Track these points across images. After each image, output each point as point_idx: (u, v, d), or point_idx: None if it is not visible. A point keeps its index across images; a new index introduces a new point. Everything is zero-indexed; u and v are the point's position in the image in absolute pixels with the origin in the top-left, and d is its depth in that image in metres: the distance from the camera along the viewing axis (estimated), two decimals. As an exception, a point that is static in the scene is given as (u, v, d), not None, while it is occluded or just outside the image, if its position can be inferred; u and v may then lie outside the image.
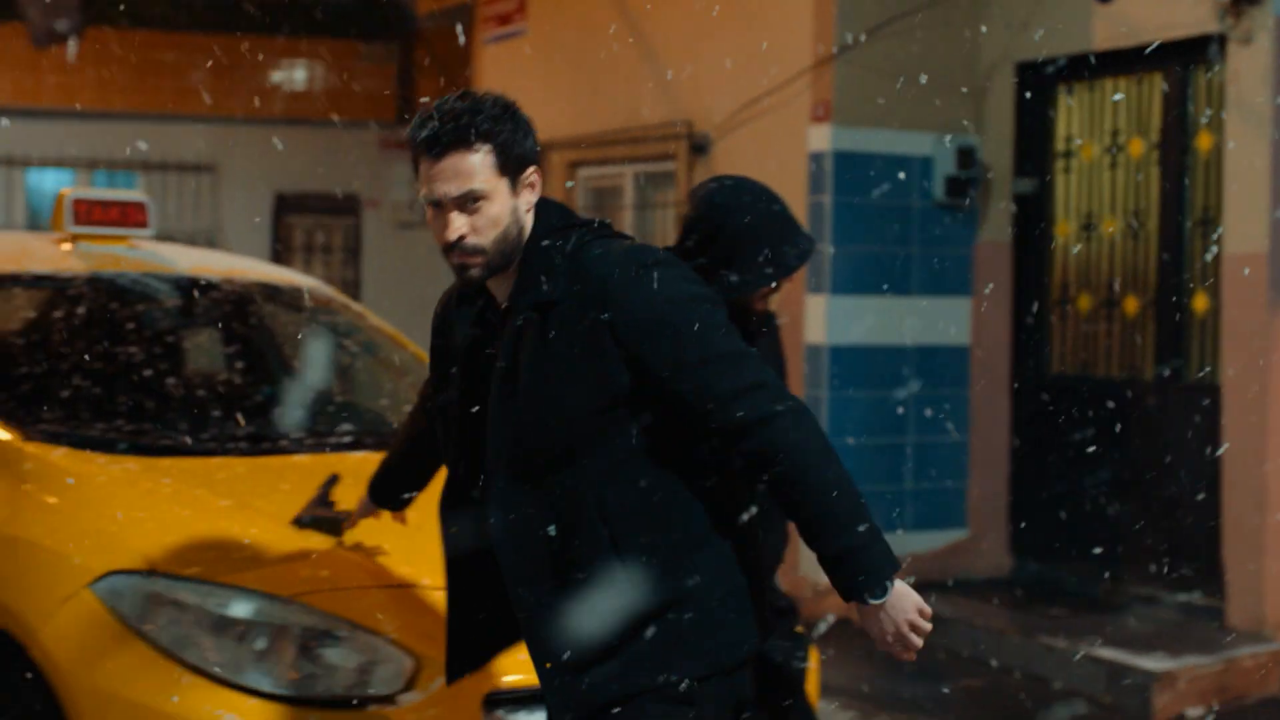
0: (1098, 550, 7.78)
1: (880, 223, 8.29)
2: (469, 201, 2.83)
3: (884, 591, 2.81)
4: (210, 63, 16.92)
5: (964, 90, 8.40)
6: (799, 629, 3.99)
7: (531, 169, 2.93)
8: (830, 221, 8.22)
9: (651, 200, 9.89)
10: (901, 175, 8.32)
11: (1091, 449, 7.92)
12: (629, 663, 2.82)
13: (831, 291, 8.26)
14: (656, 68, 9.54)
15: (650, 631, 2.83)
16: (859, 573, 2.80)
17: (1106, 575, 7.83)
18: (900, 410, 8.43)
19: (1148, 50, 7.50)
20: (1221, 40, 7.22)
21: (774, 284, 3.78)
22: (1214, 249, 7.38)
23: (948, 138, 8.26)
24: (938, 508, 8.55)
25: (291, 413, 5.00)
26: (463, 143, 2.83)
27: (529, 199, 2.91)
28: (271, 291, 5.53)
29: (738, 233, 3.74)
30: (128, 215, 5.20)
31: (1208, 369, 7.47)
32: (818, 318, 8.29)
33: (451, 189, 2.83)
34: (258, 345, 5.52)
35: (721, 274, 3.72)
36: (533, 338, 2.84)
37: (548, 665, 2.87)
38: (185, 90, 16.87)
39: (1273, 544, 7.03)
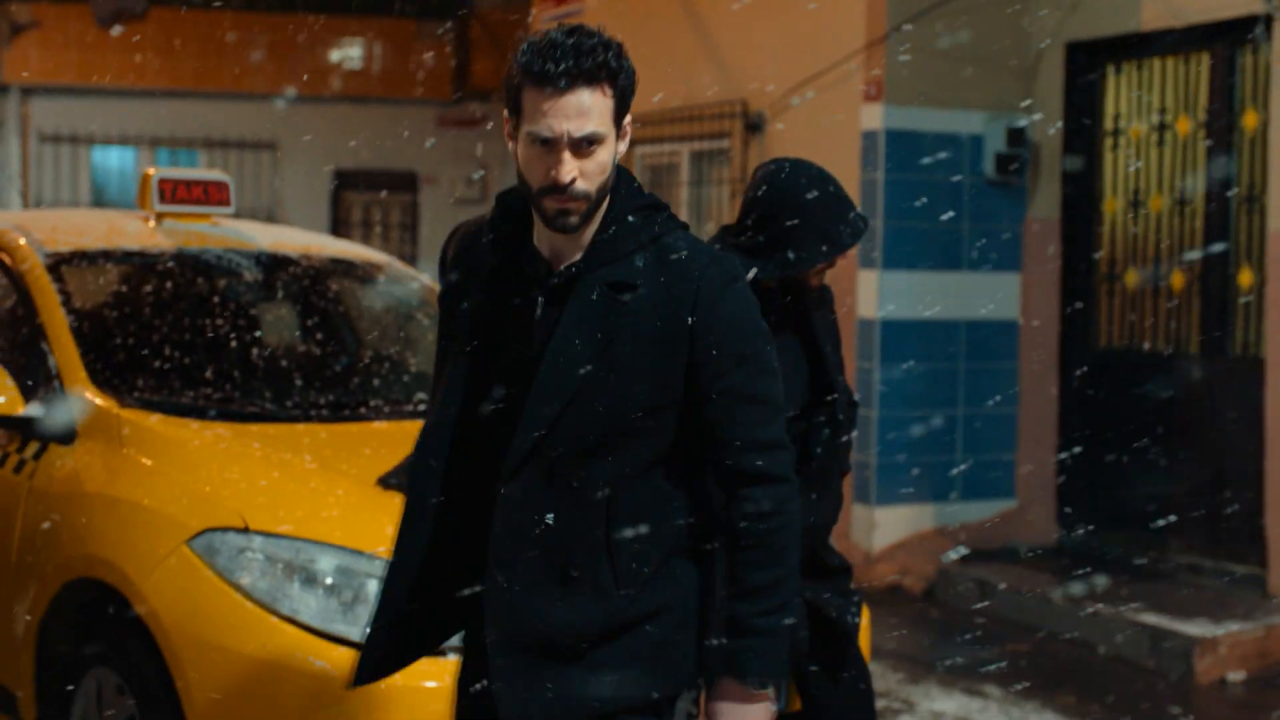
0: (1143, 520, 7.96)
1: (931, 199, 8.47)
2: (585, 143, 2.65)
3: (763, 686, 2.74)
4: (270, 42, 17.22)
5: (1014, 69, 8.57)
6: (853, 586, 4.20)
7: (629, 118, 2.77)
8: (882, 198, 8.41)
9: (707, 177, 10.09)
10: (952, 153, 8.51)
11: (1137, 422, 8.10)
12: (609, 673, 2.75)
13: (883, 267, 8.45)
14: (712, 47, 9.74)
15: (628, 641, 2.75)
16: (760, 656, 2.73)
17: (1151, 545, 8.01)
18: (951, 383, 8.63)
19: (1194, 30, 7.66)
20: (1268, 20, 7.37)
21: (830, 260, 3.97)
22: (1259, 225, 7.54)
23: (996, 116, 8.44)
24: (987, 478, 8.74)
25: (369, 382, 5.25)
26: (592, 79, 2.64)
27: (623, 148, 2.76)
28: (346, 266, 5.78)
29: (795, 212, 3.93)
30: (210, 194, 5.45)
31: (1252, 343, 7.63)
32: (870, 292, 8.49)
33: (574, 127, 2.63)
34: (335, 317, 5.77)
35: (780, 251, 3.92)
36: (605, 316, 2.71)
37: (512, 653, 2.75)
38: (246, 69, 17.16)
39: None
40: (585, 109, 2.63)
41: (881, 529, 8.49)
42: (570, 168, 2.63)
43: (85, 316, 4.95)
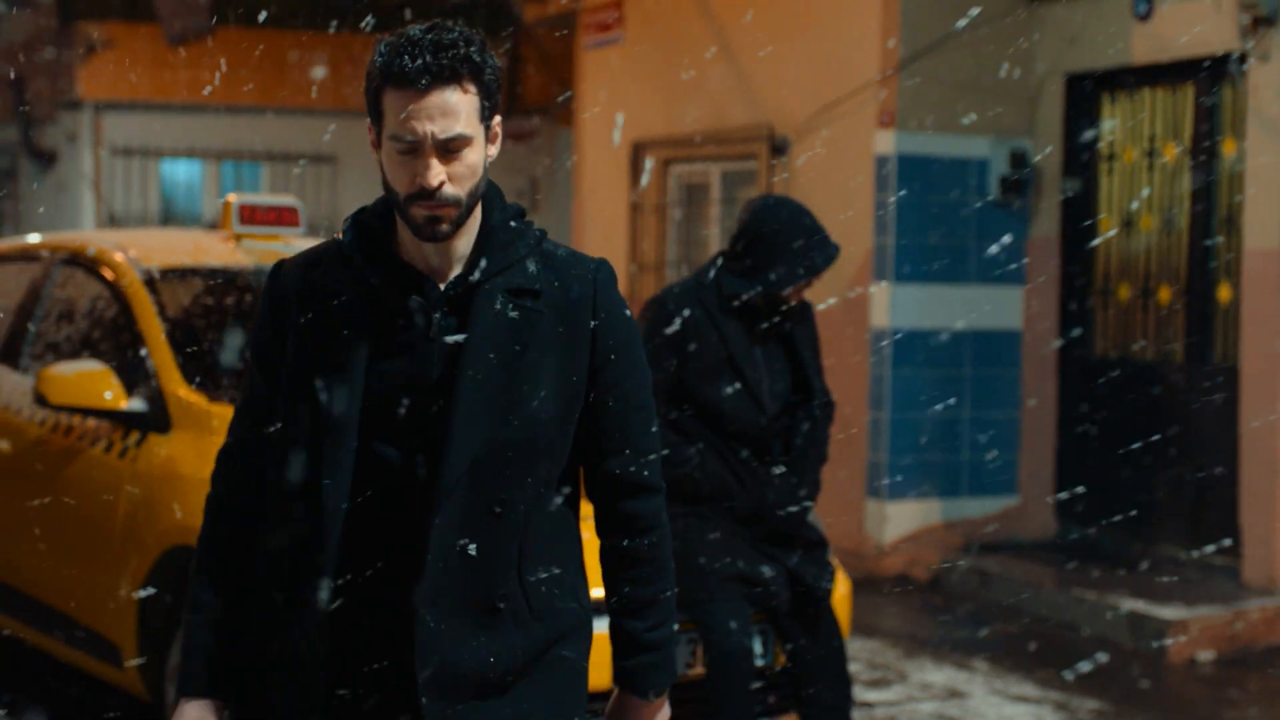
0: (1132, 515, 8.64)
1: (940, 218, 9.19)
2: (452, 146, 2.50)
3: (661, 694, 2.76)
4: (330, 59, 18.06)
5: (1017, 99, 9.27)
6: (830, 559, 4.93)
7: (498, 118, 2.61)
8: (894, 217, 9.13)
9: (735, 196, 10.81)
10: (959, 176, 9.22)
11: (1128, 425, 8.78)
12: (538, 706, 2.65)
13: (895, 280, 9.17)
14: (741, 75, 10.48)
15: (549, 670, 2.67)
16: (656, 670, 2.73)
17: (1139, 538, 8.69)
18: (958, 388, 9.33)
19: (1180, 64, 8.35)
20: (1243, 57, 8.05)
21: (806, 281, 4.70)
22: (1237, 244, 8.21)
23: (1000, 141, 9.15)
24: (991, 477, 9.44)
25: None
26: (454, 76, 2.50)
27: (494, 151, 2.61)
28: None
29: (774, 239, 4.66)
30: (283, 217, 6.23)
31: (1230, 353, 8.30)
32: (882, 304, 9.20)
33: (438, 129, 2.49)
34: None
35: (764, 273, 4.66)
36: (513, 326, 2.59)
37: (443, 694, 2.58)
38: (307, 85, 18.01)
39: (1283, 509, 7.87)
40: (449, 109, 2.49)
41: (892, 523, 9.20)
42: (437, 172, 2.50)
43: (177, 324, 5.74)
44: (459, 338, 2.57)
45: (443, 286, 2.59)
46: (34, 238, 7.30)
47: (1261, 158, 7.92)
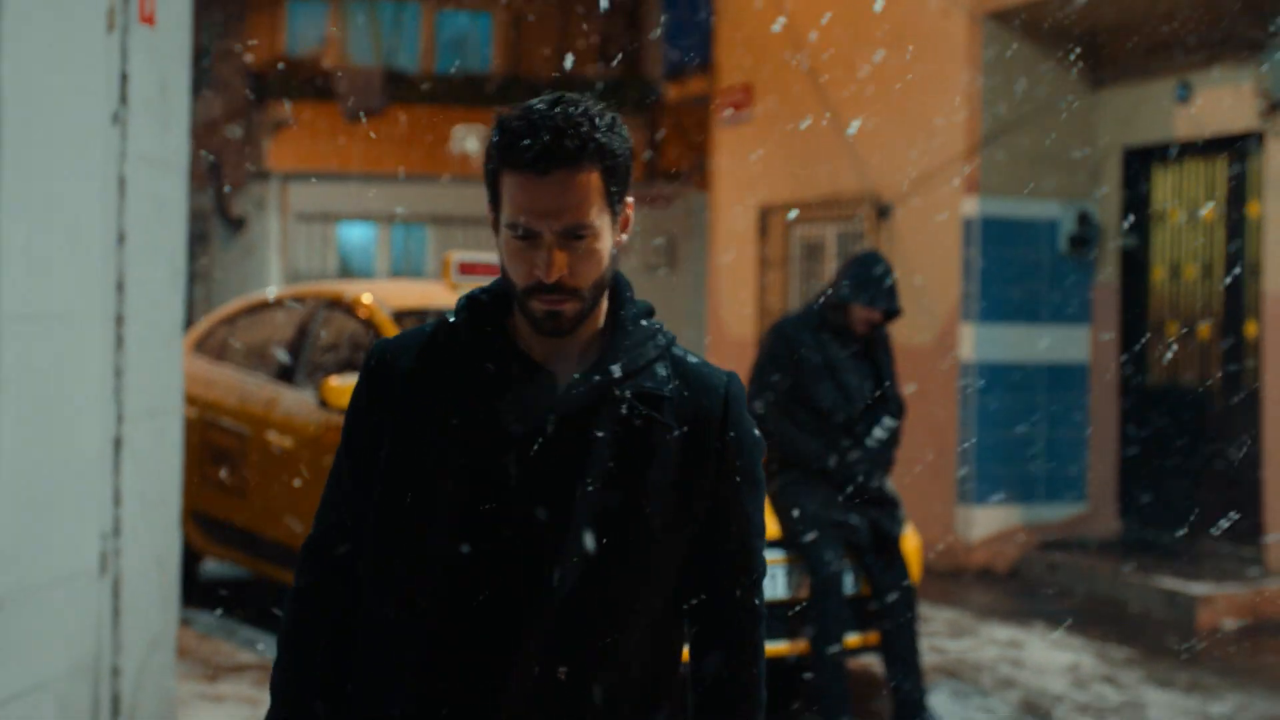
0: (1180, 516, 10.32)
1: (1017, 269, 10.98)
2: (574, 236, 2.27)
3: None
4: (486, 133, 20.16)
5: (1083, 168, 11.05)
6: (902, 514, 6.74)
7: (629, 201, 2.37)
8: (978, 268, 10.93)
9: (847, 252, 12.67)
10: (1034, 234, 11.01)
11: (1177, 441, 10.47)
12: None
13: (979, 321, 10.96)
14: (850, 149, 12.35)
15: None
16: None
17: (1186, 535, 10.37)
18: (1034, 411, 11.08)
19: (1215, 140, 10.10)
20: (1261, 136, 9.77)
21: (864, 306, 6.50)
22: (1258, 289, 9.92)
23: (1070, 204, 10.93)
24: (1064, 487, 11.17)
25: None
26: (576, 162, 2.25)
27: (623, 237, 2.37)
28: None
29: (851, 273, 6.52)
30: (492, 270, 8.21)
31: (1256, 380, 10.00)
32: (969, 341, 11.00)
33: (557, 219, 2.25)
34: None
35: (835, 289, 6.52)
36: (638, 433, 2.35)
37: None
38: (466, 157, 20.12)
39: (1298, 507, 9.55)
40: (571, 197, 2.25)
41: (978, 525, 10.96)
42: (558, 265, 2.26)
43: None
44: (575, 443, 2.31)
45: (562, 384, 2.33)
46: (296, 288, 9.40)
47: (1275, 217, 9.63)
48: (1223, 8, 9.74)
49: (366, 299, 8.12)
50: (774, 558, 6.54)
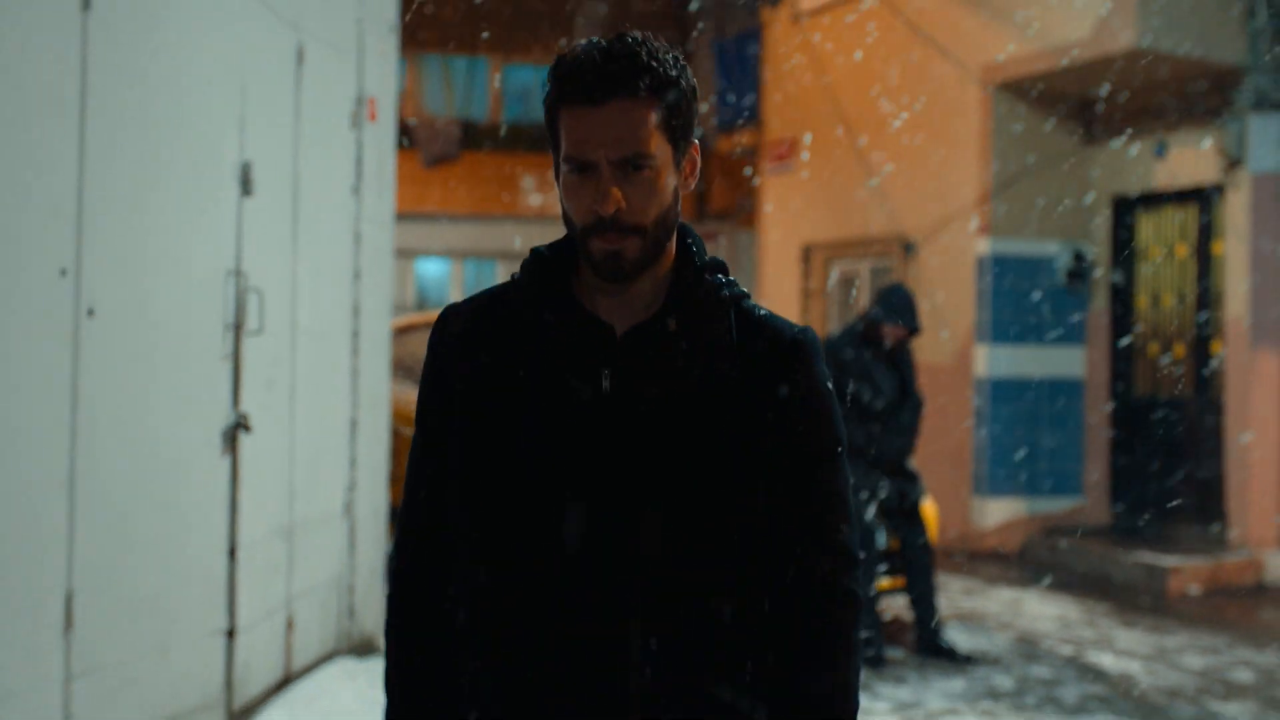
0: (1161, 505, 12.31)
1: (1023, 299, 13.00)
2: (632, 167, 2.12)
3: None
4: (551, 177, 22.23)
5: (1077, 214, 13.08)
6: (921, 484, 8.76)
7: (694, 142, 2.24)
8: (990, 298, 12.96)
9: (878, 284, 14.71)
10: (1035, 269, 13.04)
11: (1158, 444, 12.46)
12: None
13: (991, 342, 12.98)
14: (881, 196, 14.41)
15: None
16: None
17: (1165, 520, 12.35)
18: (1037, 420, 13.09)
19: (1185, 190, 12.13)
20: (1221, 188, 11.80)
21: (894, 325, 8.54)
22: (1222, 315, 11.92)
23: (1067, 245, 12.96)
24: (1064, 483, 13.17)
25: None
26: (633, 89, 2.12)
27: (688, 181, 2.23)
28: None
29: (882, 300, 8.57)
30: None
31: (1220, 391, 11.99)
32: (983, 359, 13.02)
33: (612, 149, 2.11)
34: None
35: (870, 312, 8.57)
36: (701, 386, 2.21)
37: None
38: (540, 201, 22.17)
39: (1253, 499, 11.52)
40: (628, 124, 2.12)
41: (990, 514, 12.96)
42: (615, 196, 2.12)
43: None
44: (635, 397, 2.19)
45: (620, 335, 2.22)
46: (410, 317, 11.49)
47: (1234, 256, 11.65)
48: (1191, 81, 11.77)
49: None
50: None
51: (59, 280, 4.91)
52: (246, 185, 6.04)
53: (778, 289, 16.13)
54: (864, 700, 7.62)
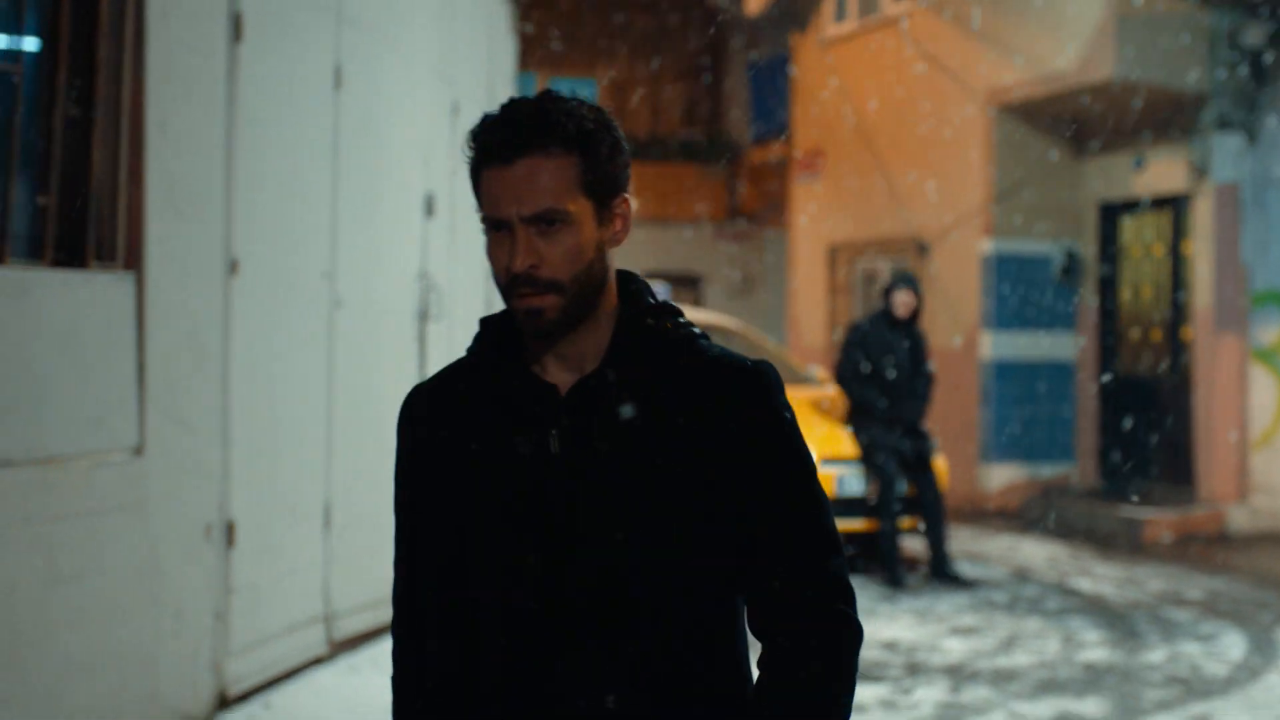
0: (1141, 468, 14.35)
1: (1022, 291, 15.04)
2: (545, 223, 2.12)
3: None
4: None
5: (1069, 217, 15.11)
6: (935, 441, 10.78)
7: (622, 197, 2.21)
8: (994, 290, 14.99)
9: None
10: (1033, 265, 15.07)
11: (1139, 416, 14.50)
12: None
13: (995, 328, 15.02)
14: (898, 201, 16.45)
15: None
16: None
17: (1144, 480, 14.38)
18: (1035, 395, 15.13)
19: (1161, 198, 14.18)
20: (1189, 195, 13.83)
21: (906, 301, 10.58)
22: (1192, 304, 13.95)
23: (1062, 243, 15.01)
24: (1058, 450, 15.21)
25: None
26: (545, 145, 2.12)
27: (617, 234, 2.20)
28: (717, 326, 12.62)
29: (893, 284, 10.63)
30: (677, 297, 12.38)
31: (1189, 369, 14.02)
32: (986, 343, 15.06)
33: (524, 206, 2.11)
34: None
35: (885, 297, 10.62)
36: (644, 436, 2.19)
37: None
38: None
39: (1217, 460, 13.55)
40: (537, 181, 2.11)
41: (994, 477, 15.00)
42: (526, 254, 2.12)
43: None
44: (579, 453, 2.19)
45: (564, 396, 2.20)
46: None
47: (1201, 254, 13.68)
48: (1163, 105, 13.78)
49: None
50: (853, 469, 10.63)
51: (321, 280, 6.99)
52: (430, 209, 8.12)
53: (807, 284, 18.18)
54: (887, 607, 9.69)
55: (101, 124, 5.45)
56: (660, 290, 10.23)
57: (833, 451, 10.63)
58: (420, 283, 7.98)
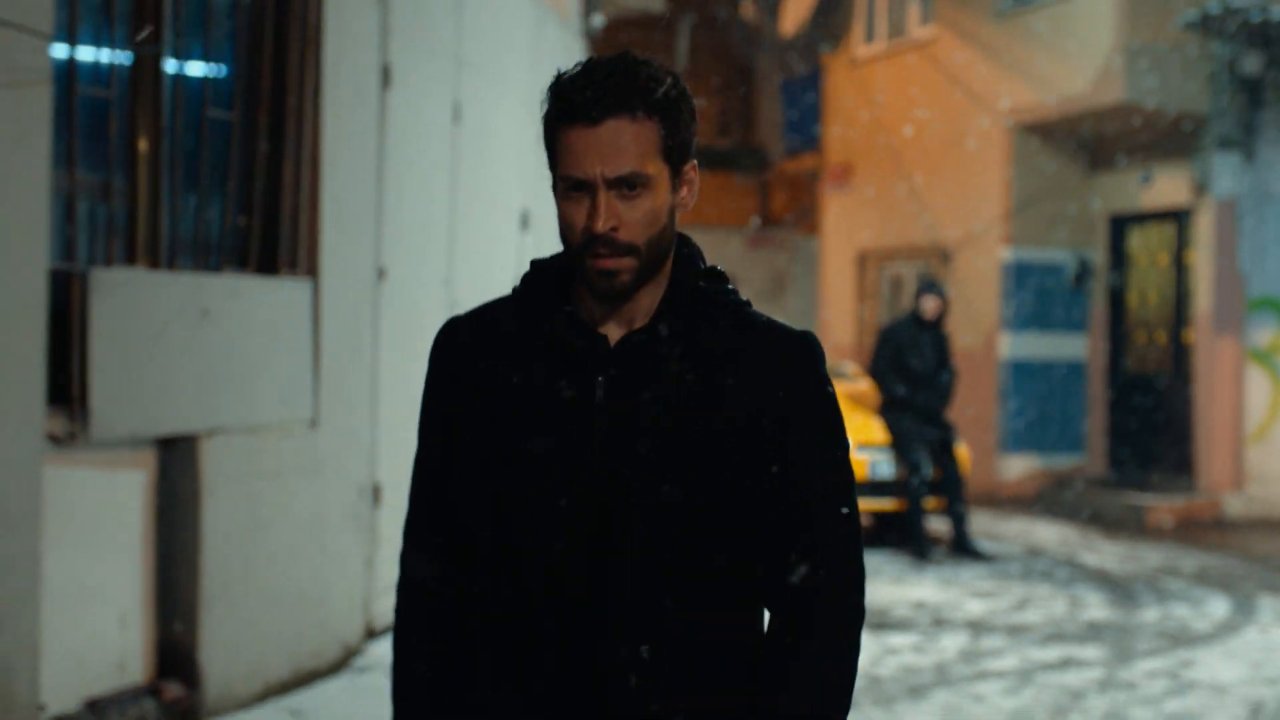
0: (1147, 460, 15.59)
1: (1038, 296, 16.29)
2: (627, 186, 2.14)
3: None
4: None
5: (1082, 227, 16.36)
6: (956, 431, 12.04)
7: (692, 162, 2.26)
8: (1013, 295, 16.25)
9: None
10: (1048, 272, 16.33)
11: (1145, 412, 15.73)
12: None
13: (1013, 330, 16.27)
14: (923, 210, 17.71)
15: None
16: None
17: (1150, 471, 15.62)
18: (1049, 393, 16.38)
19: (1165, 210, 15.43)
20: (1190, 209, 15.07)
21: (934, 302, 11.84)
22: (1193, 308, 15.19)
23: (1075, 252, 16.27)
24: (1069, 442, 16.46)
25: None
26: (630, 107, 2.14)
27: (686, 200, 2.25)
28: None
29: (919, 289, 11.90)
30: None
31: (1190, 369, 15.26)
32: (1004, 344, 16.31)
33: (609, 167, 2.13)
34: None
35: (916, 301, 11.90)
36: (692, 392, 2.21)
37: None
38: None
39: (1216, 452, 14.80)
40: (623, 144, 2.14)
41: (1011, 468, 16.25)
42: (609, 215, 2.14)
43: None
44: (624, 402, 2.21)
45: (613, 346, 2.23)
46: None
47: (1202, 263, 14.92)
48: (1168, 126, 15.02)
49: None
50: (884, 455, 11.89)
51: (442, 286, 8.28)
52: (524, 223, 9.41)
53: (837, 288, 19.46)
54: (915, 575, 10.97)
55: (290, 159, 6.75)
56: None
57: (866, 439, 11.89)
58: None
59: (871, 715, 7.20)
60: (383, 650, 7.52)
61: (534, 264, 2.32)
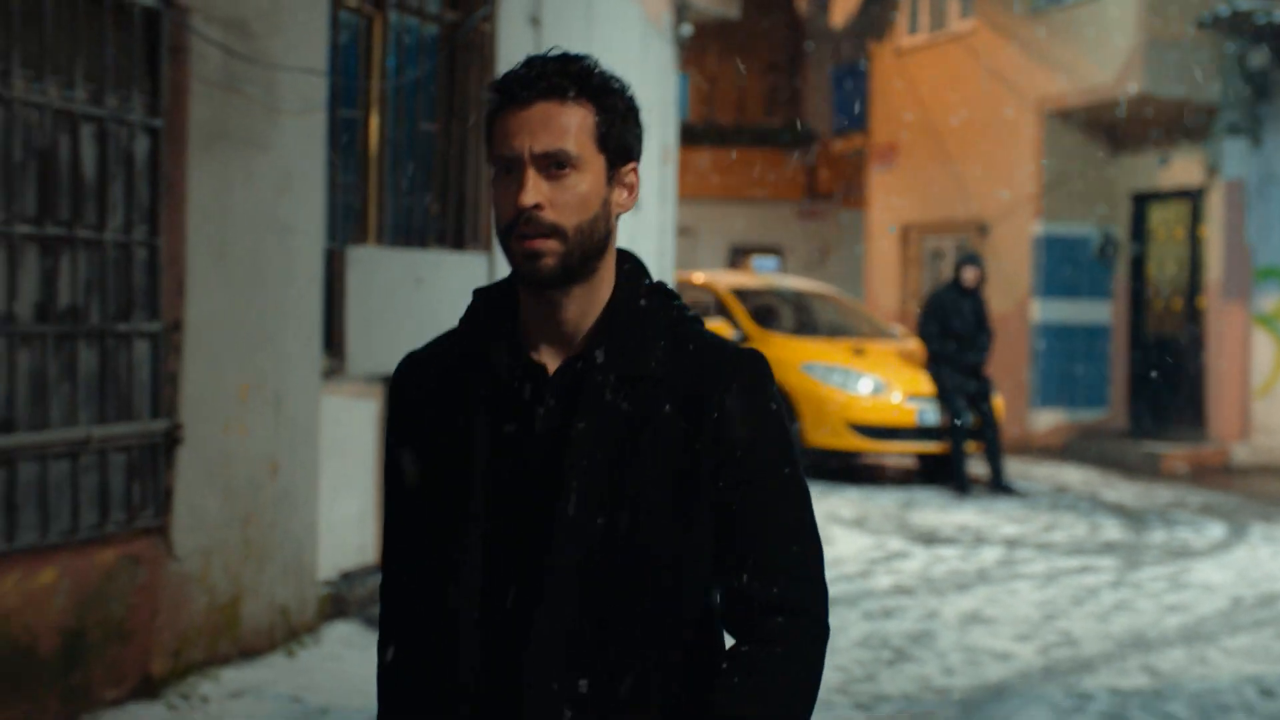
0: (1163, 413, 17.34)
1: (1067, 266, 18.04)
2: (555, 165, 2.14)
3: None
4: (704, 167, 27.25)
5: (1106, 204, 18.09)
6: (993, 384, 13.82)
7: (632, 166, 2.24)
8: (1044, 265, 18.00)
9: (961, 254, 19.72)
10: (1076, 245, 18.07)
11: (1163, 370, 17.49)
12: None
13: (1044, 297, 18.03)
14: (962, 187, 19.46)
15: None
16: None
17: (1167, 423, 17.37)
18: (1075, 353, 18.14)
19: (1182, 189, 17.16)
20: (1203, 189, 16.79)
21: (974, 272, 13.62)
22: (1205, 277, 16.92)
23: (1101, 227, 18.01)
24: (1095, 397, 18.23)
25: (843, 328, 15.10)
26: (562, 92, 2.16)
27: (623, 202, 2.23)
28: (820, 293, 15.71)
29: (960, 261, 13.69)
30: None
31: (1203, 331, 16.99)
32: (1036, 309, 18.07)
33: (536, 142, 2.13)
34: (816, 311, 15.67)
35: (956, 271, 13.69)
36: (626, 419, 2.20)
37: None
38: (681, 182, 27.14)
39: (1224, 406, 16.55)
40: (552, 122, 2.14)
41: (1041, 421, 18.03)
42: (533, 191, 2.12)
43: (744, 305, 14.97)
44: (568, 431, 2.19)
45: (552, 373, 2.23)
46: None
47: (1213, 237, 16.66)
48: (1184, 114, 16.74)
49: (714, 281, 15.42)
50: (930, 404, 13.70)
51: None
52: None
53: (882, 258, 21.25)
54: (957, 505, 12.80)
55: (472, 160, 8.60)
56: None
57: (914, 390, 13.71)
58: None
59: (927, 601, 9.04)
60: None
61: (476, 293, 2.34)
